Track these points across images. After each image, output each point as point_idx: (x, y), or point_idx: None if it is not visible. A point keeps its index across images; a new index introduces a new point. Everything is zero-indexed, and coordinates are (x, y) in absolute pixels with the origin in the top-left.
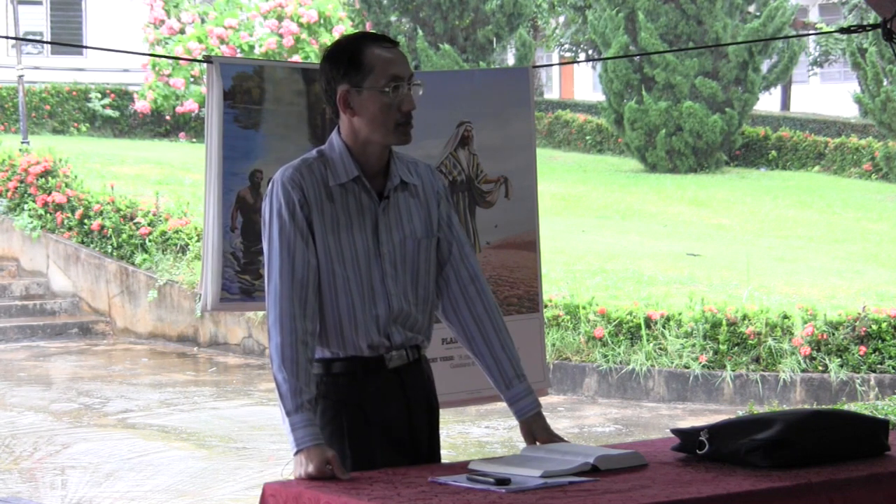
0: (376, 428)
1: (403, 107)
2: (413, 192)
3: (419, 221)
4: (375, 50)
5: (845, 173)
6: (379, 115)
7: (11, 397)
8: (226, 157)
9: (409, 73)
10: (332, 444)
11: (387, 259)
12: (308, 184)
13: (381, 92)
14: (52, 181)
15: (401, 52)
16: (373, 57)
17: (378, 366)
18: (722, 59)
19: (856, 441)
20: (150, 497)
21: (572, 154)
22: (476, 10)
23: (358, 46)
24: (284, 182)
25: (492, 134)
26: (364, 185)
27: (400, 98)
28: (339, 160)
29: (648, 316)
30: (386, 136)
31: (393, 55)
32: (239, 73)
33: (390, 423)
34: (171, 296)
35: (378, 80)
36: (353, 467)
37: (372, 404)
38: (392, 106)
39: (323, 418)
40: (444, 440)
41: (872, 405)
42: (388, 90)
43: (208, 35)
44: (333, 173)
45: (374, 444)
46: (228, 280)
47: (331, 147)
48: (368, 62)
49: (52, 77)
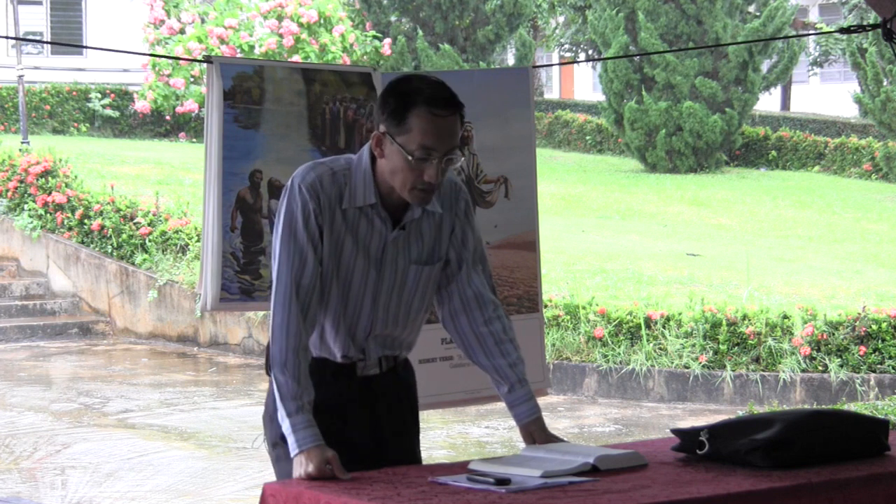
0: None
1: (426, 176)
2: (430, 219)
3: (428, 247)
4: (423, 113)
5: (845, 173)
6: (400, 172)
7: (11, 397)
8: (226, 157)
9: (448, 148)
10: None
11: (385, 283)
12: (325, 194)
13: (408, 159)
14: (52, 181)
15: (452, 121)
16: (417, 119)
17: (349, 372)
18: (722, 59)
19: (856, 441)
20: (150, 497)
21: (572, 154)
22: (476, 10)
23: (410, 101)
24: (304, 187)
25: (492, 134)
26: (379, 211)
27: (425, 167)
28: (361, 184)
29: (648, 316)
30: (402, 192)
31: (439, 126)
32: (239, 73)
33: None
34: (171, 296)
35: (410, 142)
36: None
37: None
38: (414, 171)
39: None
40: (444, 440)
41: (872, 405)
42: (413, 159)
43: (208, 35)
44: (351, 193)
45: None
46: (228, 280)
47: (358, 164)
48: (410, 122)
49: (52, 77)
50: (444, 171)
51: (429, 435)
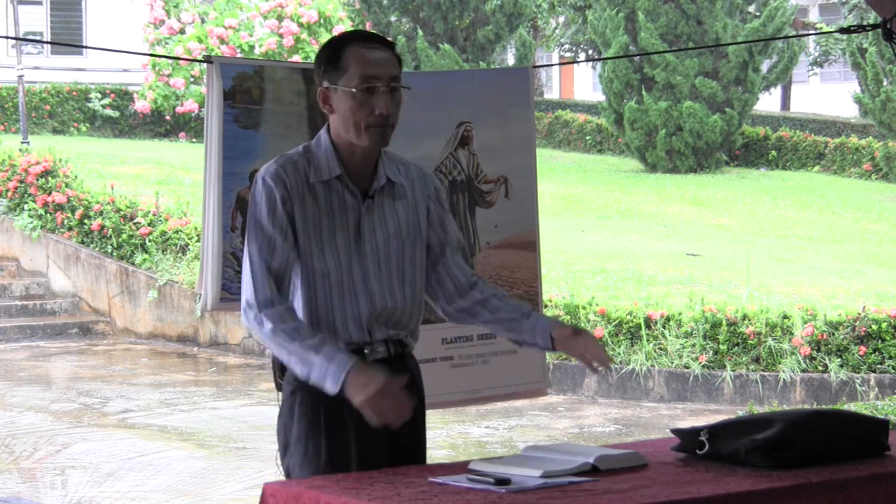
0: (353, 422)
1: (377, 109)
2: (401, 193)
3: (405, 222)
4: (357, 49)
5: (845, 173)
6: (350, 115)
7: (11, 397)
8: (226, 157)
9: (391, 75)
10: (308, 436)
11: (369, 257)
12: (291, 179)
13: (353, 92)
14: (52, 181)
15: (388, 53)
16: (350, 56)
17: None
18: (722, 59)
19: (856, 441)
20: (150, 497)
21: (572, 154)
22: (476, 10)
23: (341, 44)
24: (266, 178)
25: (492, 134)
26: (346, 183)
27: (373, 100)
28: (324, 157)
29: (648, 316)
30: (358, 138)
31: (373, 56)
32: (239, 73)
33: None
34: (171, 296)
35: (351, 79)
36: (327, 461)
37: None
38: (364, 107)
39: (300, 409)
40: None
41: (872, 405)
42: (358, 91)
43: (208, 35)
44: (316, 170)
45: (350, 438)
46: (229, 280)
47: (318, 143)
48: (345, 61)
49: (52, 77)
50: (395, 105)
51: (429, 435)
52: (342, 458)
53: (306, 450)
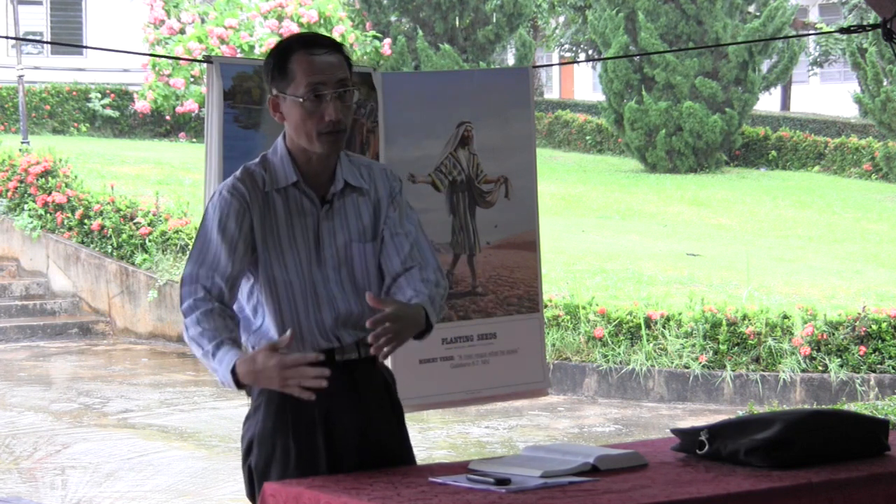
0: (321, 422)
1: (326, 116)
2: (362, 195)
3: (367, 224)
4: (301, 56)
5: (845, 173)
6: (301, 123)
7: (11, 397)
8: (226, 157)
9: (338, 79)
10: (275, 437)
11: (328, 264)
12: (249, 191)
13: (300, 101)
14: (52, 181)
15: (335, 56)
16: (296, 64)
17: (328, 359)
18: (722, 59)
19: (856, 441)
20: (150, 497)
21: (572, 154)
22: (476, 10)
23: (286, 52)
24: (223, 191)
25: (492, 134)
26: (304, 190)
27: (322, 107)
28: (280, 165)
29: (648, 316)
30: (310, 145)
31: (319, 62)
32: (239, 73)
33: (335, 420)
34: (172, 296)
35: (297, 87)
36: (296, 462)
37: (318, 401)
38: (313, 115)
39: (266, 409)
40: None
41: (872, 405)
42: (305, 100)
43: (208, 35)
44: (273, 178)
45: (318, 438)
46: None
47: (274, 151)
48: (291, 69)
49: (52, 77)
50: (346, 109)
51: (429, 435)
52: (311, 458)
53: (273, 450)
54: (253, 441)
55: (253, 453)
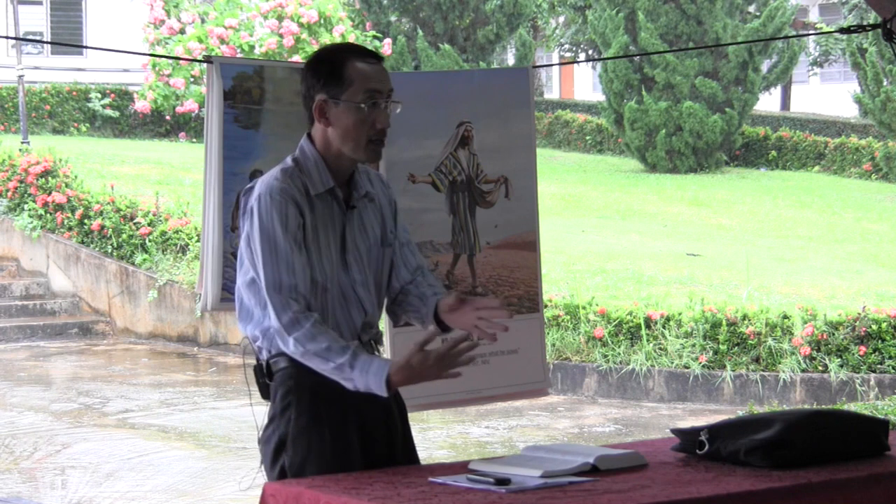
0: (352, 416)
1: (378, 124)
2: (372, 201)
3: (379, 229)
4: (357, 63)
5: (845, 173)
6: (352, 129)
7: (11, 397)
8: (226, 157)
9: (388, 89)
10: (311, 433)
11: (354, 267)
12: (297, 193)
13: (358, 106)
14: (52, 181)
15: (383, 67)
16: (353, 70)
17: None
18: (722, 59)
19: (856, 441)
20: (150, 497)
21: (572, 154)
22: (476, 10)
23: (341, 58)
24: (273, 195)
25: (492, 134)
26: (336, 195)
27: (375, 115)
28: (315, 170)
29: (648, 316)
30: (356, 151)
31: (374, 70)
32: (239, 73)
33: (364, 413)
34: (171, 296)
35: (356, 94)
36: (331, 455)
37: (347, 394)
38: (366, 122)
39: (298, 407)
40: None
41: (872, 405)
42: (364, 105)
43: (208, 35)
44: (311, 183)
45: (352, 432)
46: (229, 280)
47: (304, 156)
48: (349, 75)
49: (52, 77)
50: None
51: (429, 435)
52: (345, 452)
53: (310, 445)
54: (285, 440)
55: (286, 453)
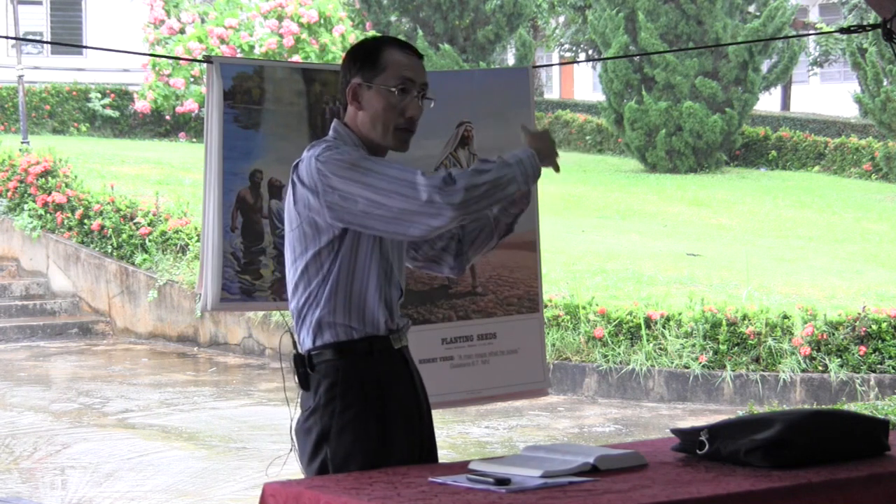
0: (395, 413)
1: (407, 112)
2: None
3: None
4: (395, 52)
5: (845, 173)
6: (382, 113)
7: (11, 397)
8: (226, 157)
9: (423, 82)
10: (356, 426)
11: (388, 245)
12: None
13: (389, 91)
14: (52, 181)
15: (420, 62)
16: (390, 57)
17: (388, 345)
18: (722, 59)
19: (856, 441)
20: (150, 497)
21: (572, 154)
22: (476, 10)
23: (379, 45)
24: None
25: (492, 134)
26: None
27: (406, 102)
28: (353, 146)
29: (648, 316)
30: (384, 137)
31: (410, 61)
32: (239, 73)
33: (403, 401)
34: (171, 296)
35: (389, 79)
36: (375, 451)
37: (388, 383)
38: (397, 107)
39: (344, 400)
40: (444, 440)
41: (872, 405)
42: (396, 91)
43: (208, 35)
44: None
45: (396, 428)
46: (229, 280)
47: (338, 135)
48: (384, 60)
49: (52, 77)
50: (420, 113)
51: None
52: (390, 446)
53: (355, 439)
54: (328, 433)
55: (329, 446)
